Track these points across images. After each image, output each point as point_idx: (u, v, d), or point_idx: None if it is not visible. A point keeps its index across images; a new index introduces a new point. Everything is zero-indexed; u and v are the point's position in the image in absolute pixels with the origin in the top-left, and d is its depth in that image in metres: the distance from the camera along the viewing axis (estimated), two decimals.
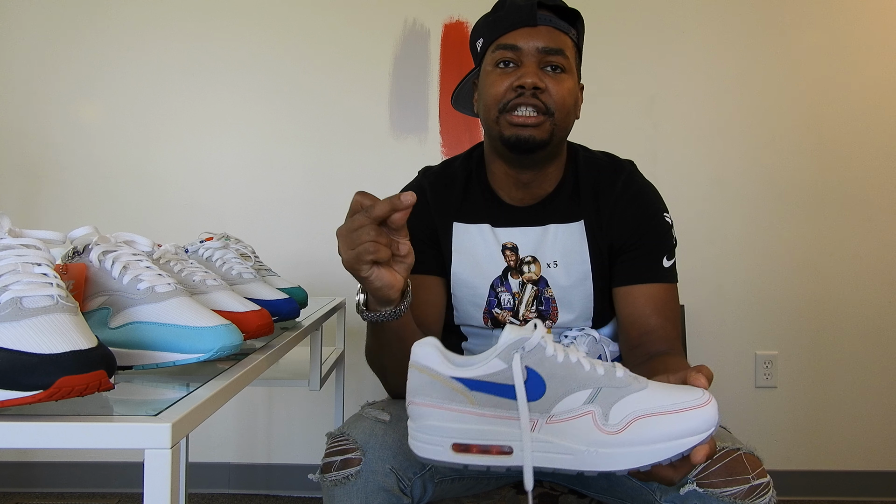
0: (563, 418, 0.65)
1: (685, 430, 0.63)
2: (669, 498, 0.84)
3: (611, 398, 0.65)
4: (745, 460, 0.82)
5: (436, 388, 0.67)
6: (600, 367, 0.67)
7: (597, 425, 0.64)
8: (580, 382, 0.65)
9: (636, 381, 0.67)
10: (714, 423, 0.64)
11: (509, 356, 0.65)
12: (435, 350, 0.68)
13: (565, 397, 0.65)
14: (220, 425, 2.17)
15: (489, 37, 1.04)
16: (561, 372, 0.66)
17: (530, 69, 0.99)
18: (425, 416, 0.67)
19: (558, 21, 1.01)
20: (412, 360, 0.68)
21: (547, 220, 1.07)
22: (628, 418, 0.64)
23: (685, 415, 0.63)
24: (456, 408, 0.66)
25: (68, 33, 2.16)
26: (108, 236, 0.74)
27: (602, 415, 0.64)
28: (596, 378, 0.66)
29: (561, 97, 1.00)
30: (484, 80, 1.04)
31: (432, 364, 0.67)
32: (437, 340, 0.69)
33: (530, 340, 0.66)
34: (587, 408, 0.65)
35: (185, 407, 0.54)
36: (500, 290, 1.07)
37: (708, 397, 0.65)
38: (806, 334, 2.18)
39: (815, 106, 2.17)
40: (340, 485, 0.87)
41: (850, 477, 2.16)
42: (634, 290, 1.03)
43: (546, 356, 0.66)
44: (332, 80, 2.17)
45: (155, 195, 2.16)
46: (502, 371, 0.65)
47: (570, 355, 0.67)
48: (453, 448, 0.66)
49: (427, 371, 0.67)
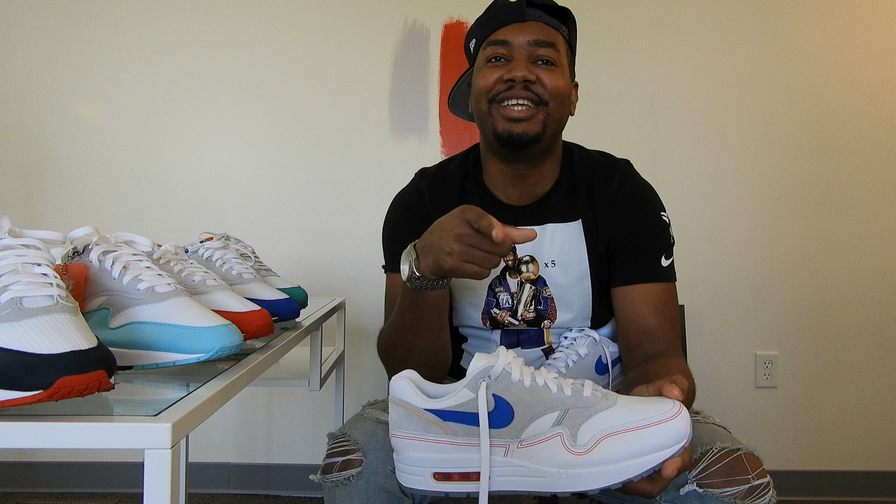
0: (532, 442, 0.67)
1: (654, 444, 0.64)
2: (669, 498, 0.84)
3: (578, 418, 0.66)
4: (745, 460, 0.82)
5: (413, 421, 0.70)
6: (567, 388, 0.68)
7: (565, 447, 0.66)
8: (547, 406, 0.67)
9: (604, 399, 0.68)
10: (684, 435, 0.65)
11: (476, 385, 0.68)
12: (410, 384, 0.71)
13: (533, 421, 0.67)
14: (220, 425, 2.17)
15: (481, 35, 1.05)
16: (528, 397, 0.67)
17: (520, 63, 0.99)
18: (406, 448, 0.70)
19: (549, 18, 1.02)
20: (391, 395, 0.71)
21: (544, 220, 1.06)
22: (596, 437, 0.65)
23: (654, 429, 0.64)
24: (432, 438, 0.69)
25: (68, 33, 2.16)
26: (108, 236, 0.74)
27: (570, 436, 0.66)
28: (563, 400, 0.67)
29: (554, 87, 1.00)
30: (476, 75, 1.05)
31: (407, 398, 0.70)
32: (414, 373, 0.72)
33: (494, 368, 0.68)
34: (555, 430, 0.66)
35: (185, 407, 0.54)
36: (498, 290, 1.07)
37: (678, 409, 0.66)
38: (806, 334, 2.18)
39: (815, 106, 2.17)
40: (342, 486, 0.87)
41: (850, 477, 2.16)
42: (632, 290, 1.03)
43: (512, 382, 0.68)
44: (332, 81, 2.17)
45: (155, 195, 2.16)
46: (471, 400, 0.68)
47: (536, 379, 0.69)
48: (434, 477, 0.69)
49: (403, 405, 0.70)
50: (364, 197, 2.16)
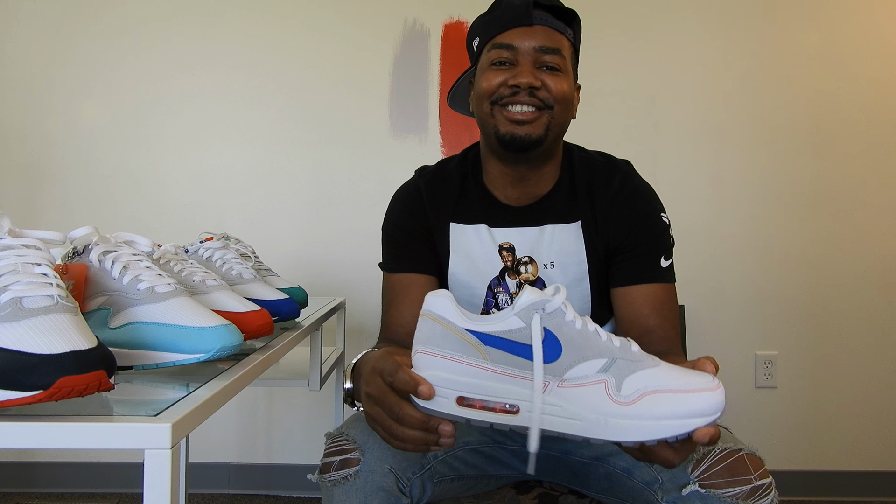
0: (575, 384, 0.64)
1: (693, 410, 0.63)
2: (671, 498, 0.84)
3: (625, 370, 0.65)
4: (748, 461, 0.82)
5: (448, 339, 0.66)
6: (616, 340, 0.67)
7: (609, 395, 0.64)
8: (596, 351, 0.65)
9: (650, 359, 0.67)
10: (720, 408, 0.64)
11: (528, 316, 0.65)
12: (450, 301, 0.67)
13: (580, 363, 0.65)
14: (220, 425, 2.17)
15: (485, 36, 1.04)
16: (578, 338, 0.65)
17: (526, 68, 0.98)
18: (433, 366, 0.66)
19: (554, 21, 1.01)
20: (425, 309, 0.67)
21: (543, 221, 1.06)
22: (640, 391, 0.64)
23: (695, 395, 0.63)
24: (467, 361, 0.65)
25: (68, 33, 2.16)
26: (108, 236, 0.74)
27: (615, 385, 0.64)
28: (612, 349, 0.66)
29: (559, 92, 0.99)
30: (479, 77, 1.04)
31: (447, 314, 0.66)
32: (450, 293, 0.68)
33: (551, 303, 0.65)
34: (601, 377, 0.64)
35: (185, 407, 0.54)
36: (497, 291, 1.07)
37: (717, 383, 0.65)
38: (806, 334, 2.18)
39: (815, 106, 2.17)
40: (339, 485, 0.87)
41: (850, 477, 2.16)
42: (632, 291, 1.03)
43: (565, 321, 0.65)
44: (332, 80, 2.17)
45: (155, 195, 2.16)
46: (520, 329, 0.65)
47: (587, 324, 0.67)
48: (457, 401, 0.65)
49: (441, 321, 0.66)
50: (364, 197, 2.16)
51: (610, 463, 0.98)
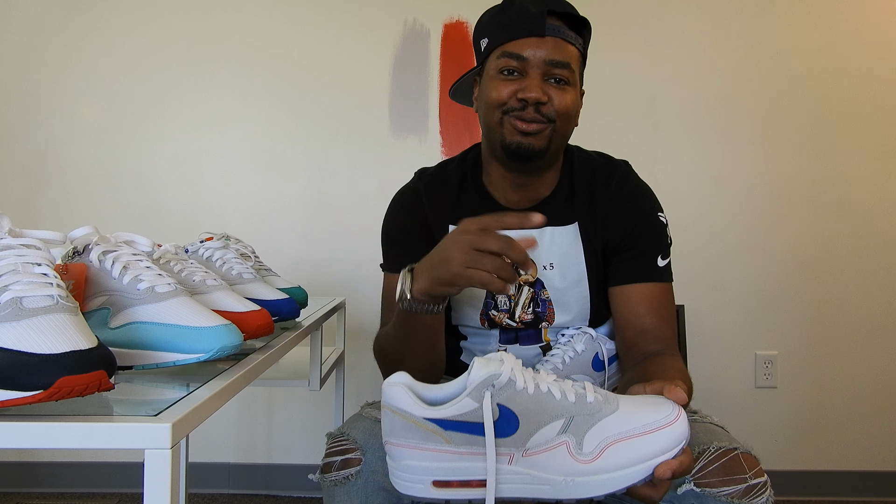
0: (538, 450, 0.66)
1: (655, 450, 0.64)
2: (667, 497, 0.84)
3: (583, 426, 0.66)
4: (743, 460, 0.82)
5: (410, 430, 0.67)
6: (571, 394, 0.68)
7: (572, 455, 0.65)
8: (552, 414, 0.66)
9: (607, 403, 0.68)
10: (683, 439, 0.65)
11: (480, 394, 0.66)
12: (405, 390, 0.68)
13: (539, 430, 0.66)
14: (220, 425, 2.17)
15: (495, 40, 1.02)
16: (533, 406, 0.66)
17: (535, 82, 0.98)
18: (403, 456, 0.68)
19: (566, 31, 1.00)
20: (384, 402, 0.69)
21: (543, 223, 1.06)
22: (601, 445, 0.65)
23: (655, 435, 0.65)
24: (432, 448, 0.67)
25: (68, 33, 2.16)
26: (108, 236, 0.74)
27: (576, 444, 0.65)
28: (567, 407, 0.67)
29: (564, 107, 0.99)
30: (487, 83, 1.03)
31: (404, 406, 0.68)
32: (407, 377, 0.70)
33: (500, 377, 0.66)
34: (561, 438, 0.66)
35: (185, 407, 0.54)
36: None
37: (677, 412, 0.66)
38: (806, 334, 2.18)
39: (815, 106, 2.17)
40: (340, 485, 0.87)
41: (850, 477, 2.16)
42: (629, 290, 1.03)
43: (517, 391, 0.66)
44: (332, 80, 2.17)
45: (155, 195, 2.16)
46: (474, 410, 0.66)
47: (540, 385, 0.67)
48: (434, 485, 0.67)
49: (400, 413, 0.68)
50: (364, 197, 2.16)
51: None
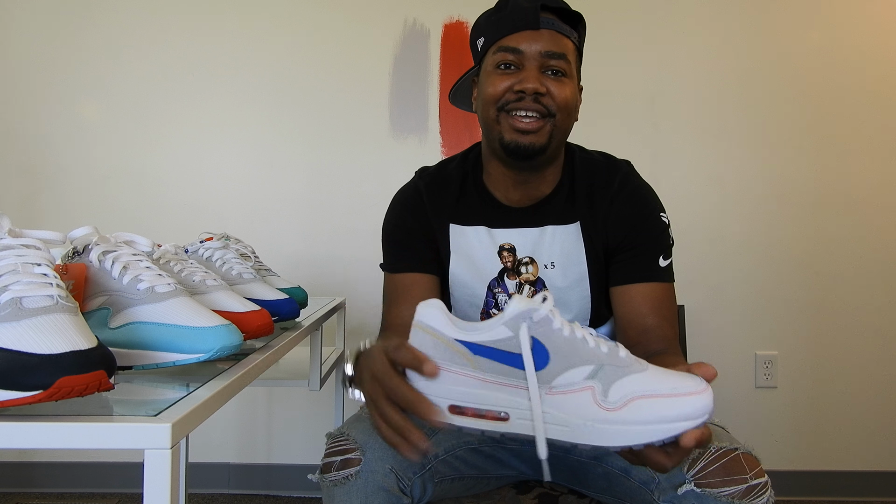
0: (563, 391, 0.65)
1: (680, 414, 0.64)
2: (668, 498, 0.85)
3: (612, 376, 0.65)
4: (743, 460, 0.82)
5: (439, 349, 0.67)
6: (604, 346, 0.67)
7: (596, 401, 0.65)
8: (583, 358, 0.66)
9: (637, 363, 0.67)
10: (708, 411, 0.64)
11: (516, 325, 0.65)
12: (440, 311, 0.68)
13: (567, 371, 0.65)
14: (220, 425, 2.17)
15: (491, 37, 1.03)
16: (565, 346, 0.66)
17: (531, 73, 0.98)
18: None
19: (561, 25, 1.01)
20: (416, 320, 0.68)
21: (544, 222, 1.07)
22: (627, 397, 0.64)
23: (681, 399, 0.64)
24: (458, 370, 0.66)
25: (68, 33, 2.16)
26: (108, 236, 0.74)
27: (602, 391, 0.65)
28: (599, 355, 0.66)
29: (563, 99, 0.99)
30: (484, 80, 1.04)
31: (437, 325, 0.67)
32: (441, 303, 0.69)
33: (539, 312, 0.66)
34: (588, 383, 0.65)
35: (185, 407, 0.54)
36: (497, 292, 1.07)
37: (705, 386, 0.65)
38: (806, 334, 2.18)
39: (815, 106, 2.17)
40: (340, 485, 0.87)
41: (850, 477, 2.16)
42: (631, 290, 1.03)
43: (552, 329, 0.66)
44: (332, 80, 2.17)
45: (155, 195, 2.16)
46: (508, 339, 0.65)
47: (575, 331, 0.67)
48: (450, 409, 0.66)
49: (431, 332, 0.67)
50: (364, 197, 2.16)
51: (608, 463, 0.98)
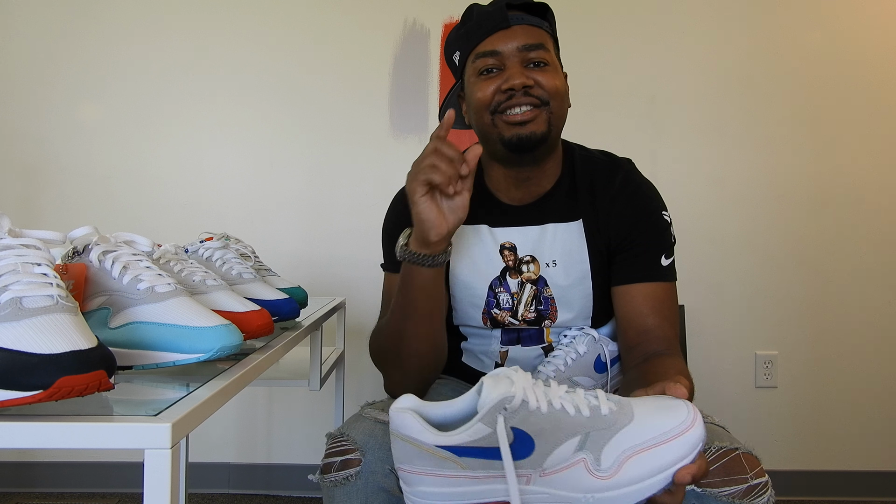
0: (556, 469, 0.65)
1: (675, 458, 0.64)
2: None
3: (600, 441, 0.64)
4: (744, 460, 0.82)
5: (423, 457, 0.66)
6: (585, 409, 0.66)
7: (590, 472, 0.64)
8: (567, 432, 0.65)
9: (623, 414, 0.66)
10: (700, 443, 0.64)
11: (493, 419, 0.64)
12: (413, 417, 0.66)
13: (555, 449, 0.64)
14: (220, 425, 2.17)
15: (466, 48, 1.04)
16: (547, 425, 0.64)
17: (515, 70, 0.99)
18: (418, 482, 0.67)
19: (530, 17, 1.01)
20: (392, 429, 0.67)
21: (545, 220, 1.06)
22: (620, 459, 0.64)
23: (674, 443, 0.64)
24: (447, 473, 0.65)
25: (68, 33, 2.16)
26: (108, 236, 0.74)
27: (594, 460, 0.64)
28: (582, 423, 0.65)
29: (553, 87, 1.00)
30: (470, 89, 1.04)
31: (414, 434, 0.66)
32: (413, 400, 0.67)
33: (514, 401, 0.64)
34: (579, 455, 0.64)
35: (185, 407, 0.54)
36: (498, 291, 1.07)
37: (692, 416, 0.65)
38: (806, 334, 2.18)
39: (815, 106, 2.17)
40: (340, 485, 0.87)
41: (850, 477, 2.16)
42: (632, 290, 1.02)
43: (530, 411, 0.64)
44: (332, 80, 2.17)
45: (155, 195, 2.16)
46: (488, 435, 0.64)
47: (553, 402, 0.65)
48: None
49: (411, 441, 0.66)
50: (364, 197, 2.16)
51: None
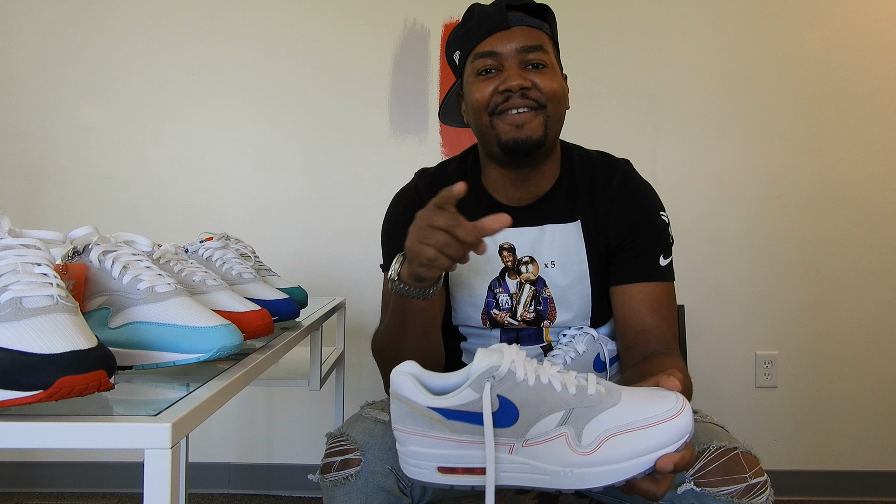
0: (537, 441, 0.67)
1: (657, 443, 0.64)
2: (667, 497, 0.84)
3: (583, 418, 0.66)
4: (743, 459, 0.82)
5: (415, 418, 0.69)
6: (572, 387, 0.68)
7: (570, 447, 0.66)
8: (551, 406, 0.67)
9: (609, 396, 0.68)
10: (686, 433, 0.65)
11: (480, 385, 0.67)
12: (411, 379, 0.70)
13: (538, 421, 0.67)
14: (220, 425, 2.17)
15: (465, 47, 1.04)
16: (532, 397, 0.67)
17: (513, 71, 0.99)
18: (410, 442, 0.70)
19: (530, 19, 1.02)
20: (392, 390, 0.71)
21: (544, 220, 1.07)
22: (600, 437, 0.65)
23: (657, 428, 0.65)
24: (436, 435, 0.69)
25: (68, 33, 2.16)
26: (108, 236, 0.74)
27: (575, 436, 0.66)
28: (567, 399, 0.67)
29: (551, 89, 1.00)
30: (468, 89, 1.04)
31: (410, 395, 0.69)
32: (414, 366, 0.71)
33: (500, 369, 0.67)
34: (560, 430, 0.66)
35: (185, 407, 0.54)
36: (497, 291, 1.07)
37: (681, 406, 0.66)
38: (806, 334, 2.18)
39: (815, 106, 2.17)
40: (340, 485, 0.87)
41: (850, 477, 2.16)
42: (630, 290, 1.03)
43: (517, 382, 0.67)
44: (332, 80, 2.17)
45: (155, 195, 2.16)
46: (475, 401, 0.67)
47: (541, 377, 0.68)
48: (439, 470, 0.69)
49: (406, 402, 0.70)
50: (364, 197, 2.16)
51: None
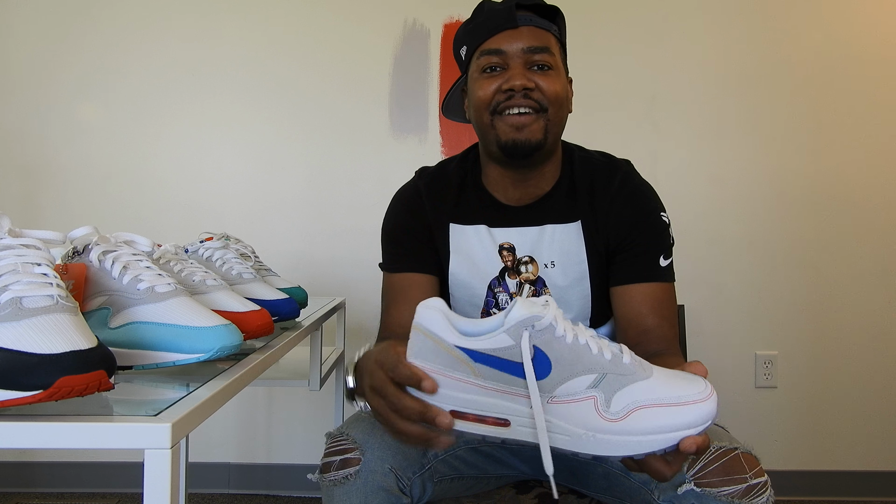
0: (564, 400, 0.64)
1: (683, 423, 0.63)
2: (667, 497, 0.85)
3: (614, 385, 0.64)
4: (743, 459, 0.82)
5: (439, 355, 0.65)
6: (607, 352, 0.66)
7: (598, 411, 0.63)
8: (586, 366, 0.64)
9: (642, 369, 0.66)
10: (711, 418, 0.64)
11: (518, 333, 0.64)
12: (440, 314, 0.66)
13: (569, 380, 0.64)
14: (220, 425, 2.17)
15: (472, 44, 1.04)
16: (568, 354, 0.64)
17: (517, 71, 0.99)
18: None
19: (539, 20, 1.02)
20: (416, 322, 0.67)
21: (544, 220, 1.07)
22: (629, 407, 0.63)
23: (686, 408, 0.63)
24: (458, 377, 0.65)
25: (68, 33, 2.16)
26: (108, 236, 0.74)
27: (604, 401, 0.64)
28: (602, 363, 0.65)
29: (553, 92, 1.00)
30: (472, 86, 1.04)
31: (437, 330, 0.65)
32: (443, 303, 0.67)
33: (542, 319, 0.64)
34: (590, 393, 0.64)
35: (185, 407, 0.54)
36: (497, 291, 1.07)
37: (710, 391, 0.64)
38: (806, 334, 2.18)
39: (815, 106, 2.17)
40: (340, 484, 0.87)
41: (850, 477, 2.16)
42: (631, 290, 1.03)
43: (555, 337, 0.64)
44: (332, 81, 2.17)
45: (155, 195, 2.16)
46: (509, 347, 0.64)
47: (578, 336, 0.66)
48: (451, 414, 0.65)
49: (431, 336, 0.65)
50: (364, 197, 2.16)
51: (608, 463, 0.98)
